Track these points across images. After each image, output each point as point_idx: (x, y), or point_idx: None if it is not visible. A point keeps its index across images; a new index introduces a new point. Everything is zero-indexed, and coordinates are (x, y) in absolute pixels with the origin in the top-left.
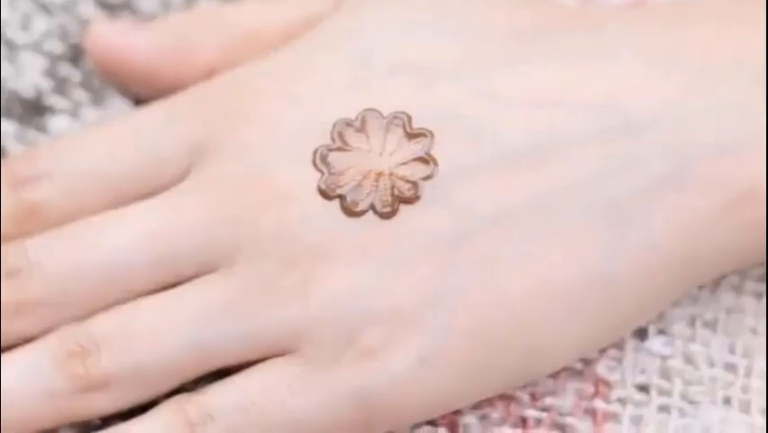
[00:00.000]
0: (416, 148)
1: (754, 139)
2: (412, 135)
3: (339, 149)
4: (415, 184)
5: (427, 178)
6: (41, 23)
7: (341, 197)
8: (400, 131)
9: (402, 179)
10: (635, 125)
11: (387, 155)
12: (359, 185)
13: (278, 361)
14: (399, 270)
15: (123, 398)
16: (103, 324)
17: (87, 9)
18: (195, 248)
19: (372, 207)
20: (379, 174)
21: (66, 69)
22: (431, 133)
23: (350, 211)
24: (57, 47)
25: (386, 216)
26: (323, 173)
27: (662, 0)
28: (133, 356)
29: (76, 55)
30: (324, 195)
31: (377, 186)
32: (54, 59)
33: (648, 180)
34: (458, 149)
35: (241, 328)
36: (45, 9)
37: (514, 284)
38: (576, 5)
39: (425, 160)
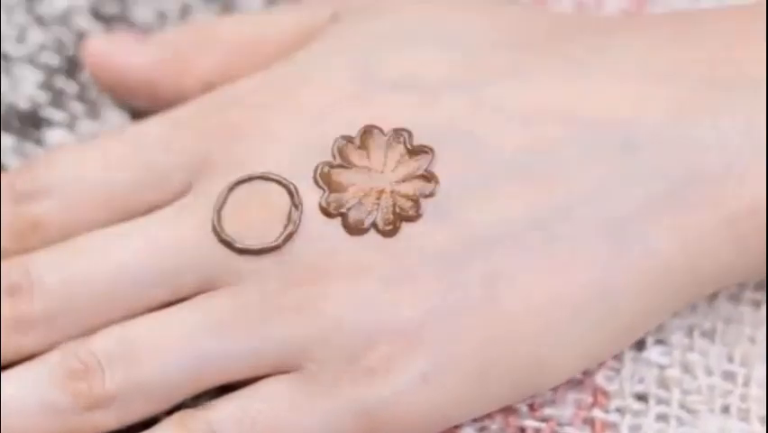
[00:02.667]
0: (418, 165)
1: (756, 156)
2: (413, 152)
3: (340, 166)
4: (416, 202)
5: (429, 195)
6: (36, 36)
7: (342, 215)
8: (401, 147)
9: (404, 196)
10: (636, 142)
11: (388, 172)
12: (360, 203)
13: (281, 378)
14: (401, 287)
15: (125, 415)
16: (105, 341)
17: (83, 21)
18: (197, 264)
19: (374, 224)
20: (381, 192)
21: (62, 82)
22: (432, 149)
23: (351, 229)
24: (52, 59)
25: (388, 233)
26: (324, 191)
27: (662, 10)
28: (136, 373)
29: (71, 67)
30: (326, 213)
31: (378, 204)
32: (50, 71)
33: (649, 197)
34: (459, 165)
35: (243, 346)
36: (40, 22)
37: (514, 299)
38: (574, 13)
39: (427, 177)
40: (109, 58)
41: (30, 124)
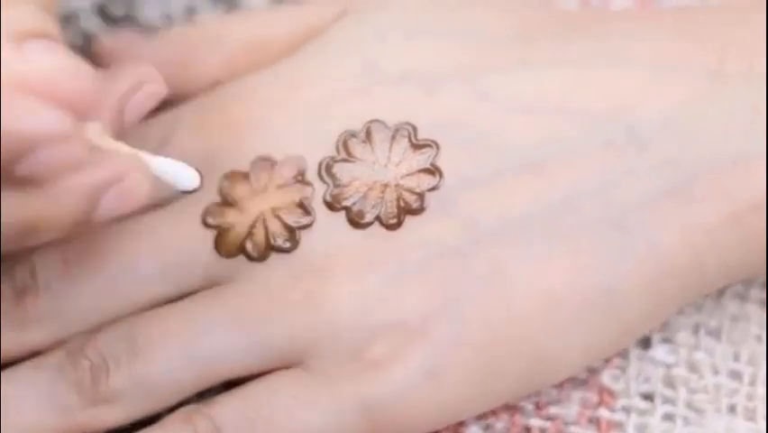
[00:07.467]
0: (422, 159)
1: (759, 149)
2: (417, 146)
3: (344, 160)
4: (420, 195)
5: (433, 189)
6: None
7: (346, 208)
8: (406, 141)
9: (408, 190)
10: (640, 135)
11: (392, 166)
12: (364, 196)
13: (285, 373)
14: (405, 281)
15: (130, 411)
16: (110, 338)
17: (89, 22)
18: (200, 260)
19: (378, 218)
20: (385, 185)
21: None
22: (436, 143)
23: (355, 223)
24: None
25: (391, 227)
26: (328, 185)
27: (668, 4)
28: (141, 369)
29: None
30: (330, 207)
31: (382, 197)
32: None
33: (653, 191)
34: (463, 159)
35: (247, 341)
36: None
37: (518, 294)
38: (580, 10)
39: (431, 171)
40: (115, 56)
41: None
